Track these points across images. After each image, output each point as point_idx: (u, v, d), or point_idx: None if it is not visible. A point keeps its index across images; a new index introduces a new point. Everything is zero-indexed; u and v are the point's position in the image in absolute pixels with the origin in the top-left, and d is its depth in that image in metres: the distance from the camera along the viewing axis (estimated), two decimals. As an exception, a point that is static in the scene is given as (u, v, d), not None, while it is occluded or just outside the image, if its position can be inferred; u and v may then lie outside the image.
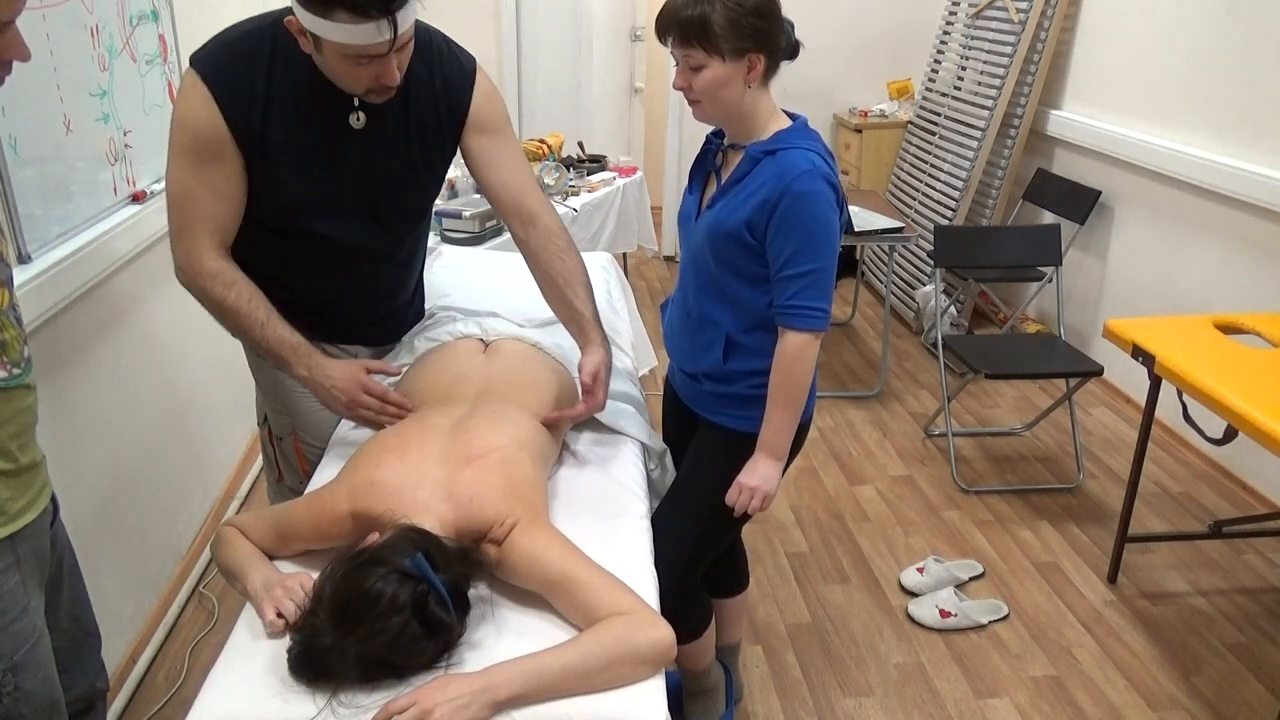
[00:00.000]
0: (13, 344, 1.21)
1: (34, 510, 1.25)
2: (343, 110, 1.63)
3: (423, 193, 1.81)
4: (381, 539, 1.26)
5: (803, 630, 2.47)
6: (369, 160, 1.68)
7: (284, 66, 1.58)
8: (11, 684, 1.23)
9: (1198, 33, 3.34)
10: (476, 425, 1.51)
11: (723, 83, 1.54)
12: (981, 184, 4.37)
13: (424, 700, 1.12)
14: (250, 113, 1.57)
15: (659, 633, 1.24)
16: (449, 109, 1.72)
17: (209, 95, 1.55)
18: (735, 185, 1.61)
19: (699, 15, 1.49)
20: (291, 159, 1.62)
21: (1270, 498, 3.05)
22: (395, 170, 1.71)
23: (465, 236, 3.23)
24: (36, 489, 1.27)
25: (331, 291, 1.81)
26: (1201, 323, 2.52)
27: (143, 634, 2.31)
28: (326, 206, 1.68)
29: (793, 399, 1.63)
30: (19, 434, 1.22)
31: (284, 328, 1.67)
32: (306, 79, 1.58)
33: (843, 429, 3.55)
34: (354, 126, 1.64)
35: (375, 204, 1.73)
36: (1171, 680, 2.31)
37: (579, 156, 4.34)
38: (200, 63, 1.57)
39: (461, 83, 1.73)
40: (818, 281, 1.57)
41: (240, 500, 2.97)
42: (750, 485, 1.67)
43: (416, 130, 1.71)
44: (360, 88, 1.54)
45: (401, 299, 1.97)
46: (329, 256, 1.75)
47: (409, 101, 1.68)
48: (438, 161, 1.78)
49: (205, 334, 2.77)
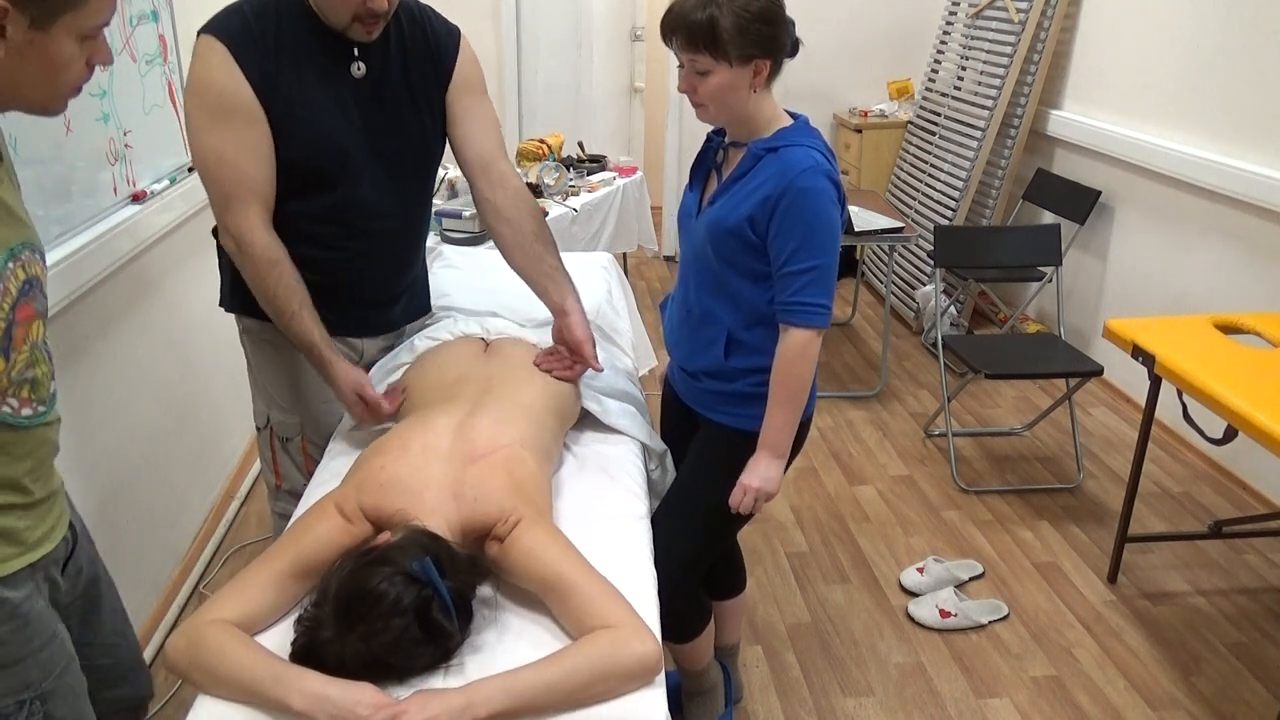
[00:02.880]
0: (43, 381, 1.17)
1: (53, 540, 1.23)
2: (344, 62, 1.69)
3: (425, 145, 1.84)
4: (392, 539, 1.26)
5: (803, 630, 2.47)
6: (373, 108, 1.73)
7: (289, 23, 1.64)
8: (40, 712, 1.20)
9: (1198, 33, 3.34)
10: (480, 424, 1.51)
11: (729, 88, 1.55)
12: (981, 184, 4.37)
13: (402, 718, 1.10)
14: (264, 67, 1.61)
15: (645, 647, 1.22)
16: (437, 64, 1.79)
17: (227, 54, 1.59)
18: (737, 182, 1.62)
19: (707, 22, 1.49)
20: (302, 109, 1.66)
21: (1270, 498, 3.05)
22: (398, 118, 1.77)
23: (465, 236, 3.23)
24: (55, 516, 1.25)
25: (339, 258, 1.81)
26: (1201, 323, 2.51)
27: (143, 634, 2.31)
28: (333, 152, 1.71)
29: (794, 396, 1.63)
30: (37, 468, 1.18)
31: (310, 322, 1.71)
32: (310, 33, 1.64)
33: (843, 429, 3.55)
34: (355, 76, 1.70)
35: (379, 149, 1.76)
36: (1171, 680, 2.31)
37: (579, 156, 4.33)
38: (212, 29, 1.61)
39: (449, 40, 1.82)
40: (819, 278, 1.57)
41: (240, 500, 2.97)
42: (753, 485, 1.67)
43: (417, 82, 1.77)
44: (347, 13, 1.60)
45: (410, 273, 1.98)
46: (339, 210, 1.76)
47: (405, 54, 1.75)
48: (438, 113, 1.83)
49: (205, 334, 2.77)
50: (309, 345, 1.71)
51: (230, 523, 2.87)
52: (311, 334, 1.70)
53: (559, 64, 5.46)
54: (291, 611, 1.30)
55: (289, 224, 1.71)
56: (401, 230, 1.89)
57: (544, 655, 1.21)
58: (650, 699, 1.21)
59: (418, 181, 1.88)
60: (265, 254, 1.66)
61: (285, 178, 1.68)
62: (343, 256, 1.80)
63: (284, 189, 1.69)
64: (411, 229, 1.93)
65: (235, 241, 1.67)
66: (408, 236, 1.93)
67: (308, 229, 1.73)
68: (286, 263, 1.68)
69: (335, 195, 1.74)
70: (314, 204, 1.73)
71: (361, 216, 1.79)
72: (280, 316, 1.70)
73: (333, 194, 1.74)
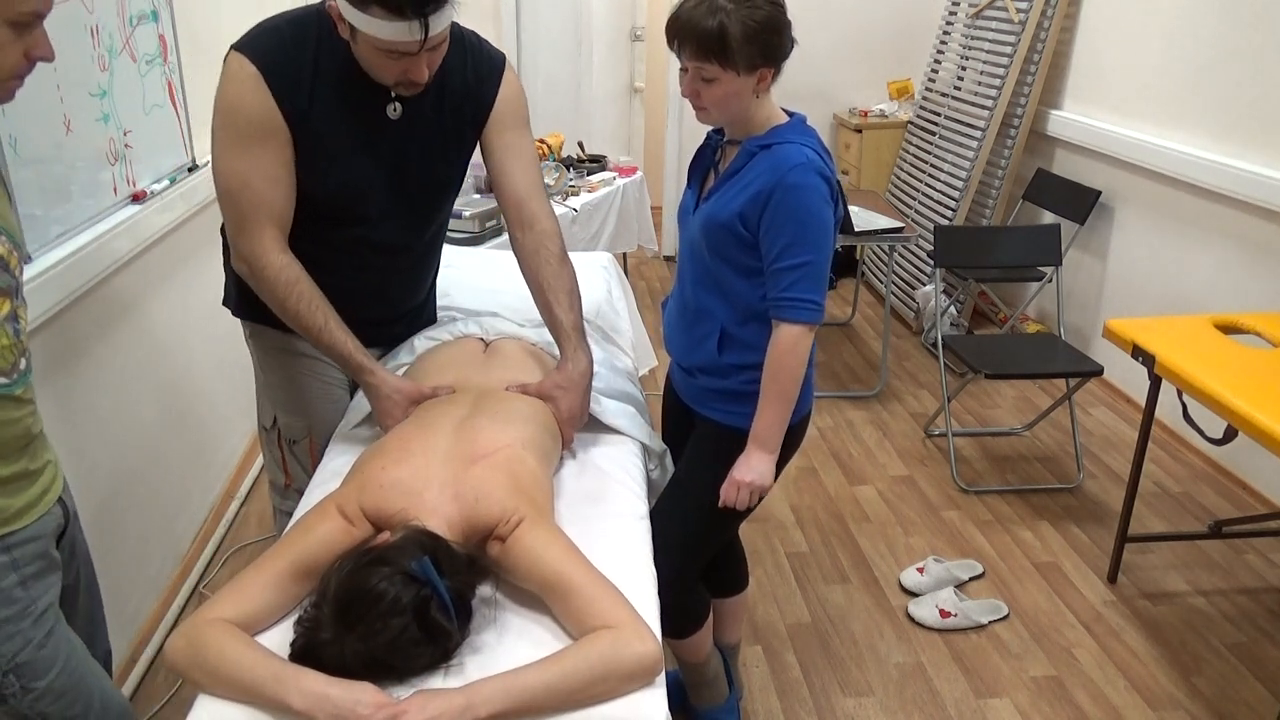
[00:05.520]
0: (3, 353, 1.18)
1: (31, 514, 1.24)
2: (380, 100, 1.66)
3: (450, 183, 1.83)
4: (391, 539, 1.26)
5: (803, 630, 2.47)
6: (403, 150, 1.71)
7: (329, 53, 1.60)
8: (16, 684, 1.22)
9: (1198, 33, 3.34)
10: (480, 424, 1.51)
11: (735, 95, 1.56)
12: (981, 184, 4.37)
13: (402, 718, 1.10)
14: (297, 95, 1.59)
15: (645, 648, 1.22)
16: (476, 102, 1.75)
17: (259, 77, 1.56)
18: (731, 178, 1.63)
19: (718, 30, 1.49)
20: (330, 144, 1.64)
21: (1270, 498, 3.05)
22: (428, 161, 1.74)
23: (465, 236, 3.23)
24: (34, 494, 1.25)
25: (348, 286, 1.80)
26: (1201, 323, 2.51)
27: (143, 634, 2.31)
28: (357, 192, 1.69)
29: (785, 391, 1.63)
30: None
31: (340, 333, 1.68)
32: (347, 67, 1.60)
33: (843, 429, 3.55)
34: (390, 117, 1.67)
35: (405, 193, 1.74)
36: (1171, 680, 2.31)
37: (579, 156, 4.34)
38: (247, 48, 1.58)
39: (490, 78, 1.76)
40: (811, 274, 1.58)
41: (240, 500, 2.97)
42: (745, 480, 1.67)
43: (451, 123, 1.74)
44: (389, 79, 1.57)
45: (417, 299, 1.97)
46: (354, 244, 1.75)
47: (444, 95, 1.71)
48: (466, 152, 1.81)
49: (205, 334, 2.77)
50: (343, 358, 1.69)
51: (230, 523, 2.87)
52: (345, 345, 1.68)
53: (559, 64, 5.46)
54: (292, 612, 1.29)
55: (298, 248, 1.69)
56: (417, 262, 1.89)
57: (544, 655, 1.21)
58: (651, 699, 1.21)
59: (437, 216, 1.87)
60: (282, 275, 1.64)
61: (302, 206, 1.67)
62: (351, 284, 1.78)
63: (300, 215, 1.67)
64: (425, 260, 1.92)
65: (249, 265, 1.65)
66: (422, 266, 1.92)
67: (318, 255, 1.71)
68: (305, 280, 1.66)
69: (352, 231, 1.73)
70: (328, 234, 1.72)
71: (375, 251, 1.78)
72: (309, 333, 1.68)
73: (349, 230, 1.73)
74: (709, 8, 1.50)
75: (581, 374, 1.73)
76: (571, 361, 1.73)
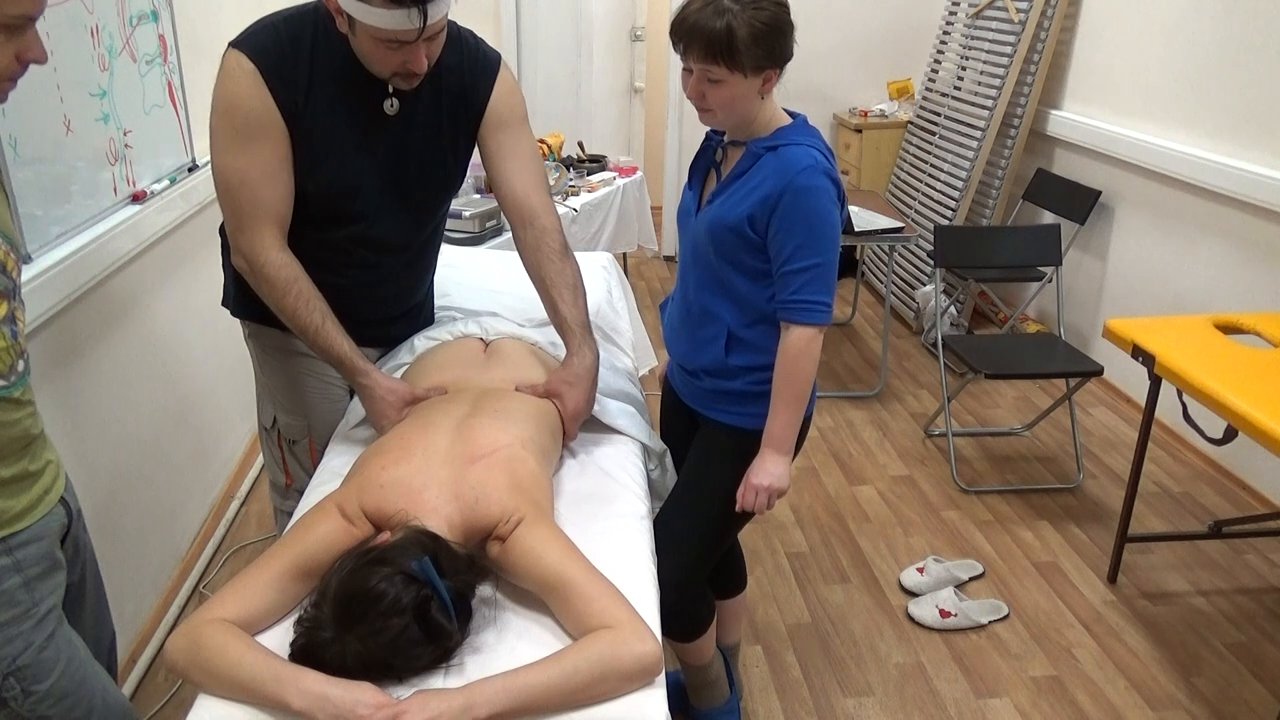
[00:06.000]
0: (1, 355, 1.18)
1: (33, 515, 1.24)
2: (378, 96, 1.66)
3: (448, 180, 1.83)
4: (391, 539, 1.26)
5: (803, 630, 2.47)
6: (400, 147, 1.71)
7: (326, 49, 1.61)
8: (17, 688, 1.21)
9: (1198, 33, 3.34)
10: (480, 424, 1.51)
11: (740, 97, 1.56)
12: (981, 184, 4.37)
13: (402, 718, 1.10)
14: (295, 92, 1.59)
15: (645, 648, 1.21)
16: (472, 100, 1.76)
17: (257, 74, 1.56)
18: (737, 180, 1.62)
19: (725, 32, 1.48)
20: (327, 140, 1.64)
21: (1270, 498, 3.05)
22: (424, 158, 1.74)
23: (465, 236, 3.23)
24: (36, 495, 1.25)
25: (346, 285, 1.80)
26: (1201, 323, 2.51)
27: (143, 634, 2.31)
28: (354, 189, 1.70)
29: (798, 394, 1.63)
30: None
31: (336, 334, 1.68)
32: (345, 63, 1.61)
33: (843, 429, 3.55)
34: (387, 112, 1.68)
35: (402, 189, 1.75)
36: (1171, 680, 2.31)
37: (579, 156, 4.34)
38: (245, 44, 1.58)
39: (485, 76, 1.77)
40: (820, 276, 1.58)
41: (240, 500, 2.97)
42: (764, 485, 1.67)
43: (447, 119, 1.74)
44: (388, 71, 1.58)
45: (415, 298, 1.97)
46: (351, 241, 1.75)
47: (440, 91, 1.71)
48: (464, 151, 1.80)
49: (205, 334, 2.77)
50: (338, 359, 1.69)
51: (230, 523, 2.87)
52: (341, 347, 1.68)
53: (559, 64, 5.46)
54: (292, 612, 1.29)
55: (296, 246, 1.69)
56: (413, 260, 1.89)
57: (544, 655, 1.21)
58: (651, 699, 1.21)
59: (435, 214, 1.87)
60: (280, 274, 1.65)
61: (299, 204, 1.67)
62: (348, 283, 1.78)
63: (297, 213, 1.68)
64: (423, 258, 1.92)
65: (248, 262, 1.66)
66: (419, 265, 1.92)
67: (315, 253, 1.71)
68: (303, 279, 1.66)
69: (349, 229, 1.73)
70: (325, 232, 1.72)
71: (373, 249, 1.78)
72: (305, 333, 1.68)
73: (346, 228, 1.73)
74: (715, 9, 1.49)
75: (587, 369, 1.73)
76: (577, 357, 1.73)
